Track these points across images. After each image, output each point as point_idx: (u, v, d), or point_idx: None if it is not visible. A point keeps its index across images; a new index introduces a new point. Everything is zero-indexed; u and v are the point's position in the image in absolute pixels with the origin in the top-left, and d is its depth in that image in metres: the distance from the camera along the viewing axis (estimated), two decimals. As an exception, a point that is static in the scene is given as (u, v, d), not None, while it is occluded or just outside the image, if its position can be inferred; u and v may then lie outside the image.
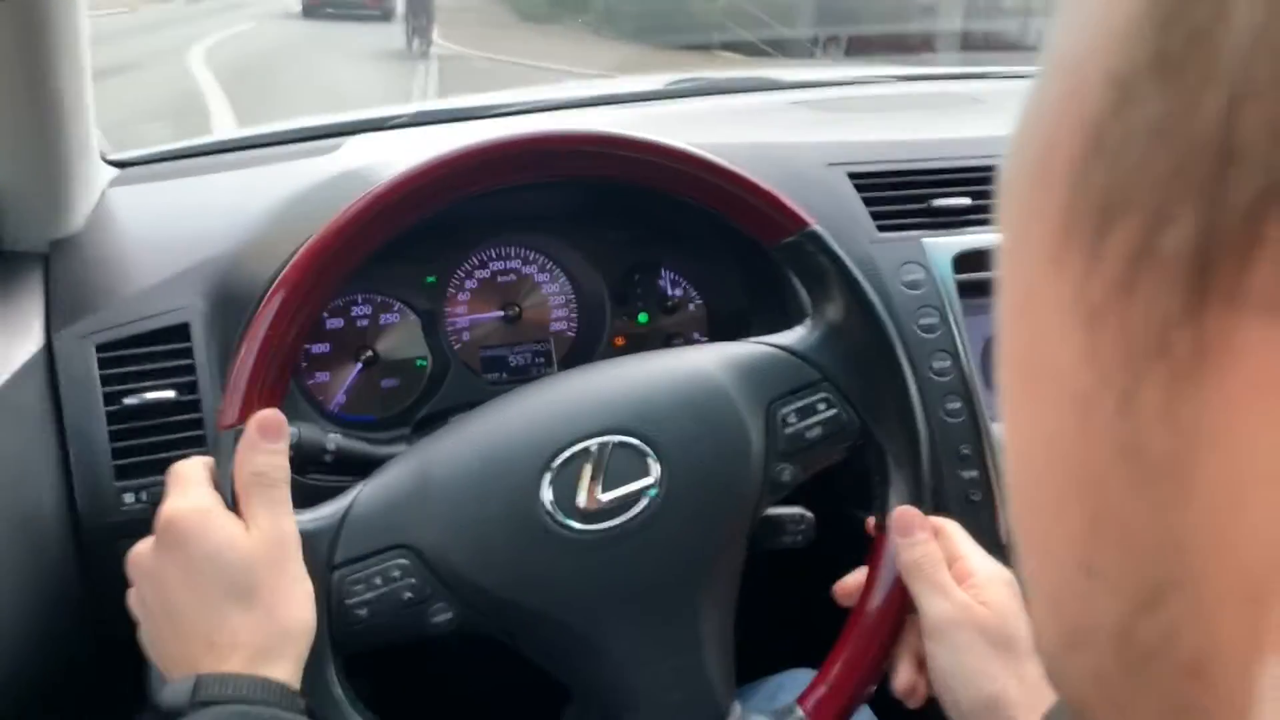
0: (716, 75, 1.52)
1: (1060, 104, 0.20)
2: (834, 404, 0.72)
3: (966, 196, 1.02)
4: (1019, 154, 0.21)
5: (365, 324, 0.98)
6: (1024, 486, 0.22)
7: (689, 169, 0.72)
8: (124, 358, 0.85)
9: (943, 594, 0.68)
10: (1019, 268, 0.21)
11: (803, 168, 1.01)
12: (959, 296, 0.96)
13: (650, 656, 0.66)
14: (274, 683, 0.58)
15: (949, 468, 0.92)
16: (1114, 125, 0.18)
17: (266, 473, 0.62)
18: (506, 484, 0.66)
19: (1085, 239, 0.19)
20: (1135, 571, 0.19)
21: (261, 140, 1.18)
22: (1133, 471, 0.18)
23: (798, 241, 0.73)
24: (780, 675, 0.90)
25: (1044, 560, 0.22)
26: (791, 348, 0.73)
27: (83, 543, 0.82)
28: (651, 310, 1.04)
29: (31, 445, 0.80)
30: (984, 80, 1.54)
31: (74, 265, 0.90)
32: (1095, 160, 0.18)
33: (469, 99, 1.40)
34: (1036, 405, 0.21)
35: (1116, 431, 0.18)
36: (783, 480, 0.71)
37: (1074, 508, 0.20)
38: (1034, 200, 0.20)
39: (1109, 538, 0.19)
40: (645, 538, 0.67)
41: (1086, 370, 0.19)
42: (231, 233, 0.92)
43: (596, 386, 0.71)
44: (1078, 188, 0.19)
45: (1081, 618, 0.21)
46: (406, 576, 0.64)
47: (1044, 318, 0.20)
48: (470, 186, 0.70)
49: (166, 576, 0.61)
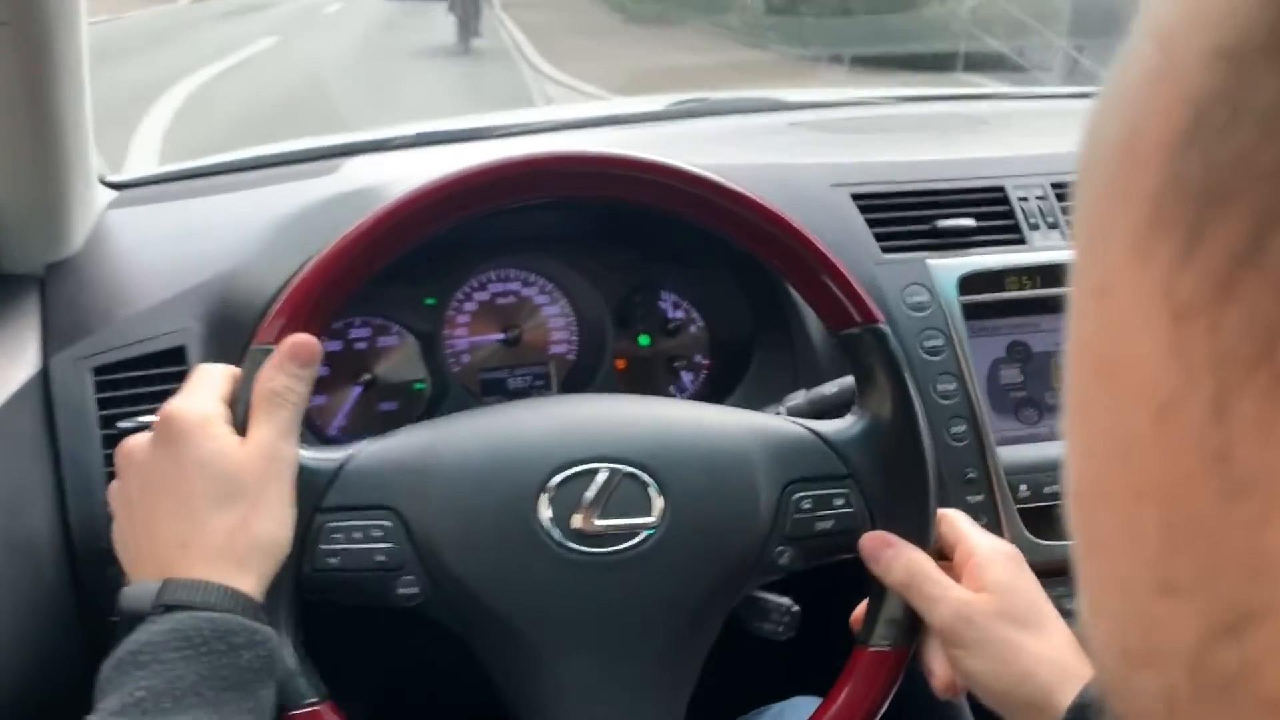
0: (719, 96, 1.51)
1: (1155, 78, 0.18)
2: (851, 503, 0.71)
3: (972, 218, 1.01)
4: (1101, 131, 0.20)
5: (364, 346, 0.97)
6: (1090, 490, 0.21)
7: (772, 230, 0.71)
8: (120, 381, 0.84)
9: (939, 601, 0.66)
10: (1097, 253, 0.20)
11: (806, 189, 1.00)
12: (964, 319, 0.95)
13: (594, 691, 0.65)
14: (240, 593, 0.57)
15: (954, 492, 0.91)
16: (1219, 107, 0.16)
17: (281, 393, 0.62)
18: (508, 480, 0.66)
19: (1179, 229, 0.17)
20: (1217, 592, 0.17)
21: (260, 162, 1.17)
22: (1220, 482, 0.17)
23: (861, 335, 0.72)
24: (781, 704, 0.89)
25: (1109, 573, 0.20)
26: (826, 436, 0.72)
27: (77, 567, 0.81)
28: (653, 332, 1.04)
29: (26, 469, 0.80)
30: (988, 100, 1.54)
31: (70, 288, 0.89)
32: (1195, 144, 0.17)
33: (471, 119, 1.40)
34: (1109, 402, 0.19)
35: (1204, 437, 0.17)
36: (779, 563, 0.69)
37: (1149, 517, 0.18)
38: (1119, 182, 0.19)
39: (1189, 553, 0.18)
40: (629, 575, 0.66)
41: (1171, 368, 0.17)
42: (229, 255, 0.91)
43: (622, 413, 0.70)
44: (1173, 173, 0.17)
45: (1153, 637, 0.19)
46: (385, 540, 0.64)
47: (1124, 308, 0.19)
48: (537, 194, 0.71)
49: (154, 472, 0.61)
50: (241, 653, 0.56)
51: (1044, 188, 1.03)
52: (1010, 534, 0.91)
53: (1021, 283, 0.97)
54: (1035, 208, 1.02)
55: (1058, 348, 0.98)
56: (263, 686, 0.57)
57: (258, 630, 0.57)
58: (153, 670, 0.54)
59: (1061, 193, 1.03)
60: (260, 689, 0.56)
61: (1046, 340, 0.98)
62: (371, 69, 9.57)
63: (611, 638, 0.66)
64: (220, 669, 0.55)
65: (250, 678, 0.56)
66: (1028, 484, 0.92)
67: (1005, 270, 0.97)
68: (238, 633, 0.56)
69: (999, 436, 0.94)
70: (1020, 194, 1.02)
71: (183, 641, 0.54)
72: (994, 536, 0.71)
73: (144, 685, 0.53)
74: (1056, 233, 1.01)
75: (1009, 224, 1.01)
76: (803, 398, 0.82)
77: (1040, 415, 0.96)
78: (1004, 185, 1.03)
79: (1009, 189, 1.03)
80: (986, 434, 0.92)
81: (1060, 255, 0.99)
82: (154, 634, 0.55)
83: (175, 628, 0.55)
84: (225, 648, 0.55)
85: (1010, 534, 0.91)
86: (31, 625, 0.78)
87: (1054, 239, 1.01)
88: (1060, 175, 1.04)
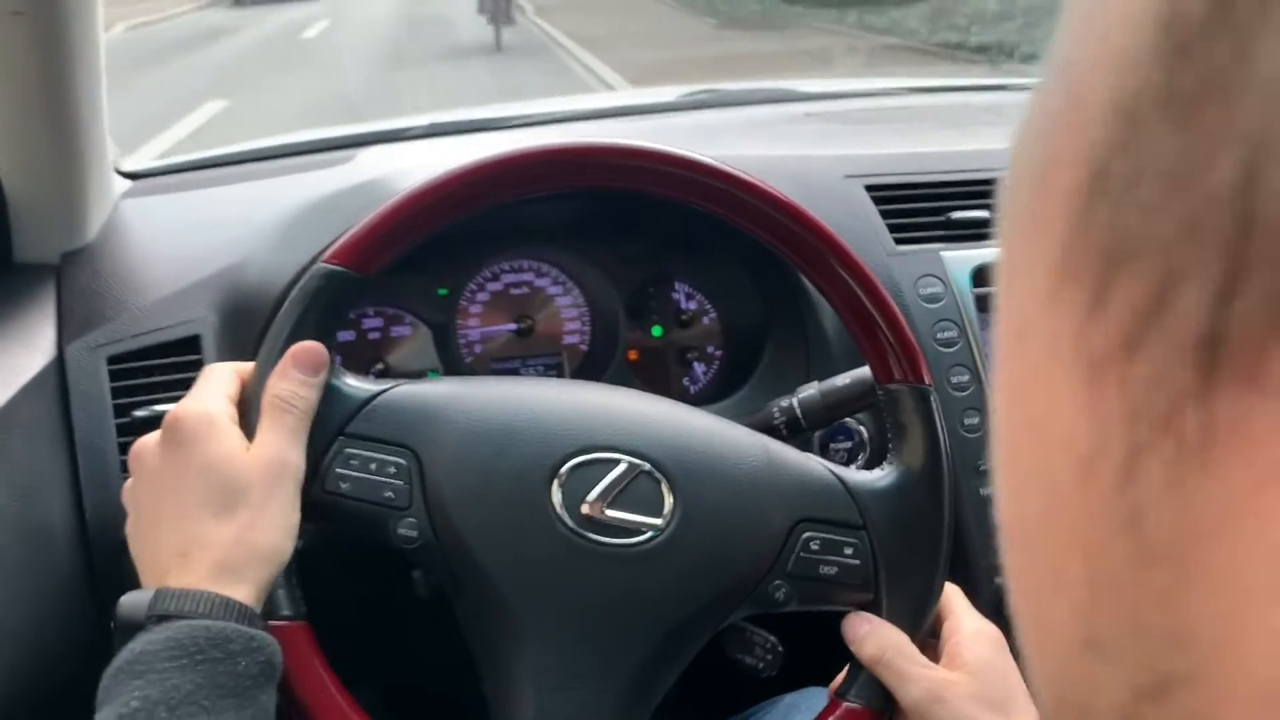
0: (732, 86, 1.51)
1: (1062, 123, 0.17)
2: (860, 555, 0.70)
3: (985, 209, 1.01)
4: (1019, 166, 0.19)
5: (377, 336, 0.98)
6: (1021, 538, 0.20)
7: (843, 272, 0.71)
8: (135, 370, 0.85)
9: (911, 679, 0.65)
10: (1016, 293, 0.19)
11: (819, 180, 1.00)
12: (978, 310, 0.95)
13: (566, 679, 0.65)
14: (234, 602, 0.57)
15: (967, 484, 0.91)
16: (1119, 161, 0.16)
17: (288, 399, 0.63)
18: (529, 449, 0.66)
19: (1087, 281, 0.16)
20: (1140, 656, 0.17)
21: (275, 152, 1.18)
22: (1134, 547, 0.16)
23: (906, 392, 0.71)
24: (794, 694, 0.89)
25: (1042, 625, 0.19)
26: (848, 483, 0.71)
27: (92, 555, 0.82)
28: (666, 323, 1.04)
29: (42, 457, 0.80)
30: (1002, 92, 1.53)
31: (86, 276, 0.90)
32: (1100, 198, 0.16)
33: (484, 110, 1.40)
34: (1035, 448, 0.18)
35: (1116, 500, 0.16)
36: (774, 597, 0.69)
37: (1075, 572, 0.18)
38: (1033, 224, 0.18)
39: (1112, 614, 0.17)
40: (625, 571, 0.66)
41: (1087, 425, 0.17)
42: (243, 245, 0.91)
43: (651, 412, 0.70)
44: (1079, 224, 0.16)
45: (1083, 694, 0.18)
46: (398, 478, 0.65)
47: (1041, 350, 0.18)
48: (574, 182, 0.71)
49: (160, 476, 0.61)
50: (239, 660, 0.55)
51: (1059, 179, 1.02)
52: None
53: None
54: (1050, 199, 1.02)
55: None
56: (262, 692, 0.57)
57: (255, 636, 0.57)
58: (148, 680, 0.54)
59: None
60: (260, 695, 0.56)
61: (1060, 332, 0.97)
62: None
63: (593, 628, 0.66)
64: (217, 677, 0.54)
65: (249, 684, 0.56)
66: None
67: (1019, 262, 0.97)
68: (234, 640, 0.55)
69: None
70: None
71: (178, 650, 0.54)
72: (980, 617, 0.70)
73: (139, 695, 0.53)
74: (1071, 224, 1.01)
75: (1023, 215, 1.01)
76: (815, 389, 0.81)
77: (1054, 408, 0.96)
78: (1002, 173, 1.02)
79: None
80: (999, 426, 0.92)
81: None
82: (150, 643, 0.55)
83: (171, 636, 0.55)
84: (222, 655, 0.55)
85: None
86: (46, 613, 0.78)
87: (1068, 231, 1.00)
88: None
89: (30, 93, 0.81)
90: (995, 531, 0.22)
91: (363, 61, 9.59)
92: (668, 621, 0.67)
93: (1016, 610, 0.20)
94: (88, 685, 0.56)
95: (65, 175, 0.88)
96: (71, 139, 0.86)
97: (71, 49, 0.81)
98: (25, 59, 0.79)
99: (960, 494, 0.90)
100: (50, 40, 0.79)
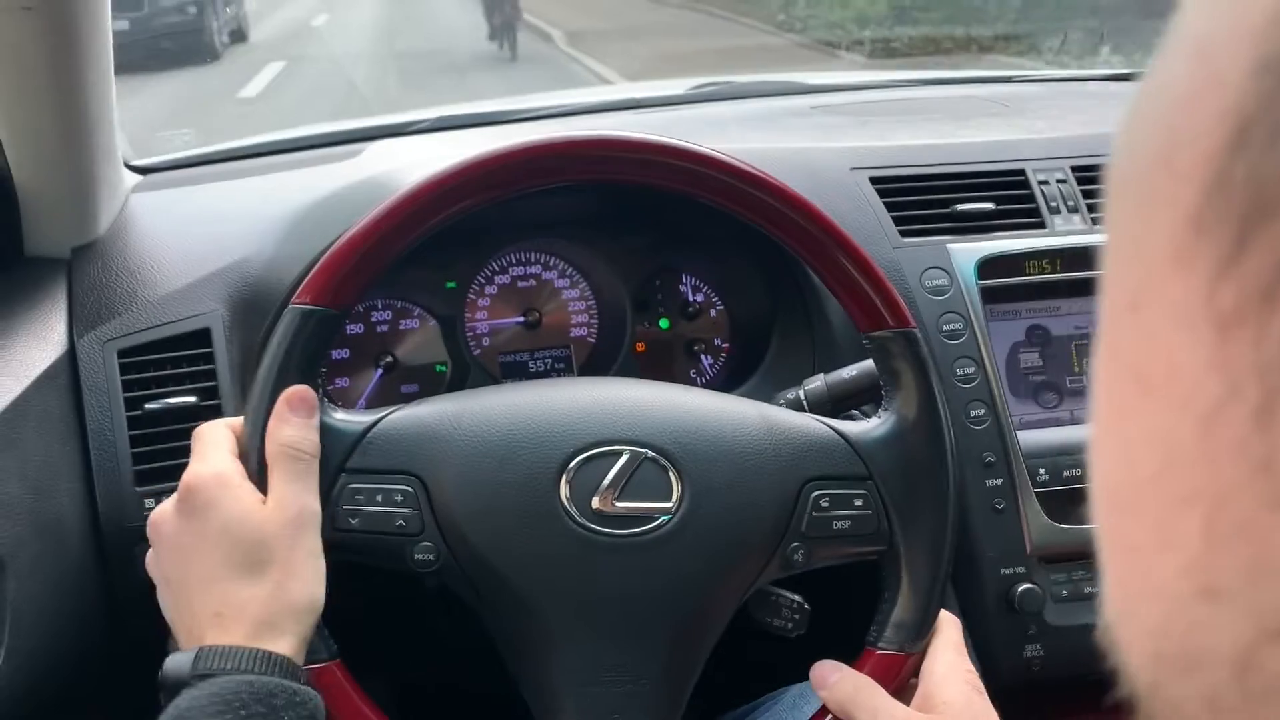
0: (740, 79, 1.51)
1: (1195, 89, 0.18)
2: (870, 505, 0.70)
3: (991, 201, 1.01)
4: (1137, 141, 0.20)
5: (385, 329, 0.98)
6: (1123, 496, 0.20)
7: (811, 228, 0.71)
8: (146, 363, 0.86)
9: (885, 715, 0.65)
10: (1131, 262, 0.19)
11: (825, 172, 1.00)
12: (983, 302, 0.95)
13: (602, 674, 0.66)
14: (276, 655, 0.58)
15: (973, 476, 0.91)
16: (1263, 118, 0.16)
17: (295, 444, 0.63)
18: (531, 456, 0.66)
19: (1222, 240, 0.17)
20: (1264, 597, 0.17)
21: (284, 146, 1.18)
22: (1266, 490, 0.17)
23: (893, 338, 0.71)
24: (802, 684, 0.89)
25: (1142, 578, 0.20)
26: (849, 436, 0.71)
27: (104, 547, 0.82)
28: (673, 316, 1.04)
29: (54, 450, 0.81)
30: (1008, 84, 1.53)
31: (97, 270, 0.90)
32: (1240, 157, 0.17)
33: (491, 104, 1.40)
34: (1147, 410, 0.19)
35: (1248, 445, 0.17)
36: (793, 559, 0.69)
37: (1190, 523, 0.18)
38: (1157, 193, 0.19)
39: (1234, 558, 0.18)
40: (644, 559, 0.66)
41: (1213, 377, 0.17)
42: (253, 238, 0.92)
43: (646, 398, 0.71)
44: (1216, 184, 0.17)
45: (1193, 641, 0.19)
46: (405, 505, 0.65)
47: (1160, 317, 0.19)
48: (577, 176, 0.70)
49: (182, 544, 0.61)
50: (282, 714, 0.56)
51: (1064, 171, 1.03)
52: (1028, 517, 0.91)
53: (1041, 266, 0.97)
54: (1056, 191, 1.02)
55: (1077, 331, 0.98)
56: None
57: (298, 691, 0.57)
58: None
59: (1082, 176, 1.03)
60: None
61: (1066, 324, 0.97)
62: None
63: (621, 620, 0.66)
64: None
65: None
66: (1046, 468, 0.92)
67: (1025, 254, 0.97)
68: (277, 694, 0.56)
69: (1018, 420, 0.94)
70: (1041, 177, 1.02)
71: (223, 705, 0.55)
72: (958, 657, 0.70)
73: None
74: (1077, 216, 1.01)
75: (1029, 207, 1.01)
76: (821, 381, 0.82)
77: (1059, 399, 0.96)
78: (1024, 168, 1.03)
79: (1029, 172, 1.02)
80: (1006, 418, 0.92)
81: (1080, 239, 0.98)
82: (194, 699, 0.55)
83: (215, 692, 0.55)
84: (265, 710, 0.55)
85: (1028, 517, 0.91)
86: (58, 602, 0.79)
87: (1074, 223, 1.00)
88: (1081, 158, 1.04)
89: (40, 88, 0.82)
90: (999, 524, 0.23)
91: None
92: (692, 601, 0.67)
93: (1110, 575, 0.21)
94: (100, 674, 0.56)
95: (75, 170, 0.89)
96: (81, 133, 0.87)
97: (81, 43, 0.82)
98: (35, 54, 0.79)
99: (964, 486, 0.90)
100: (59, 35, 0.79)
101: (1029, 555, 0.91)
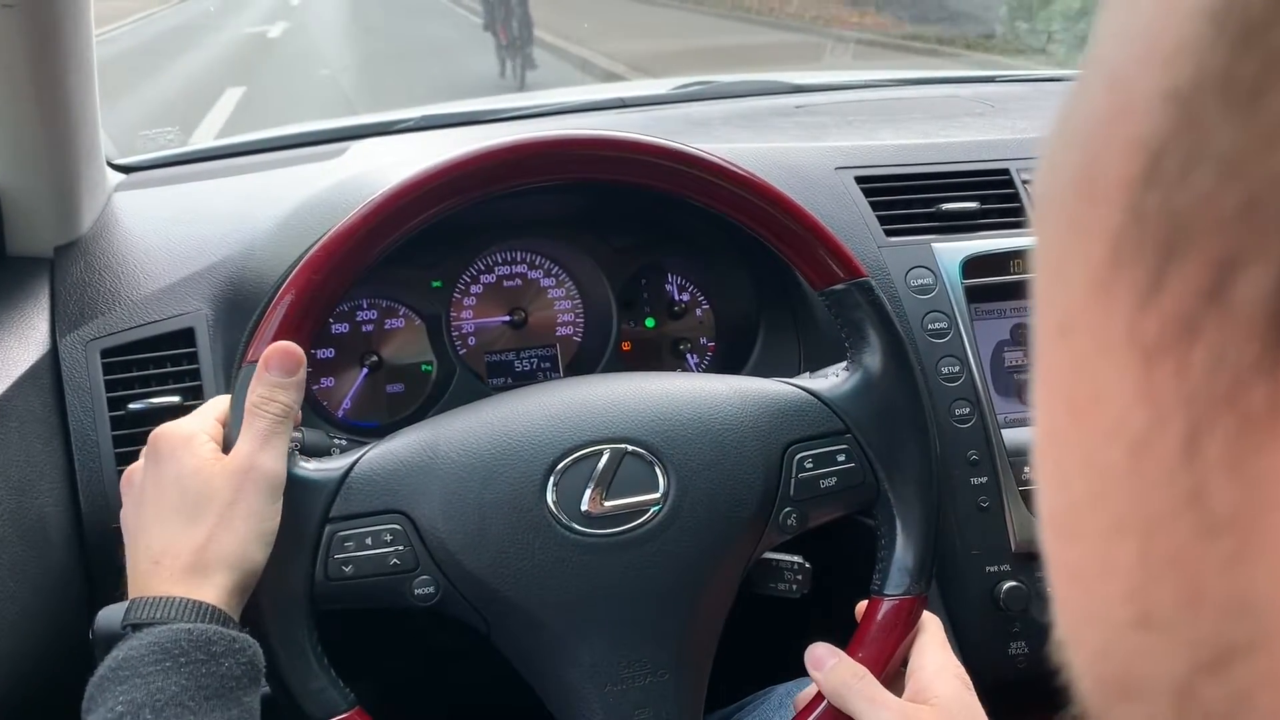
0: (725, 79, 1.51)
1: (1109, 118, 0.18)
2: (853, 457, 0.71)
3: (975, 201, 1.01)
4: (1058, 165, 0.19)
5: (370, 329, 0.98)
6: (1065, 522, 0.20)
7: (754, 198, 0.72)
8: (129, 363, 0.85)
9: (880, 704, 0.66)
10: (1059, 288, 0.19)
11: (810, 171, 1.00)
12: (968, 301, 0.96)
13: (622, 671, 0.66)
14: (207, 605, 0.58)
15: (959, 474, 0.91)
16: (1174, 150, 0.16)
17: (259, 404, 0.63)
18: (513, 472, 0.66)
19: (1141, 272, 0.17)
20: (1198, 628, 0.17)
21: (267, 145, 1.18)
22: (1196, 520, 0.16)
23: (847, 290, 0.73)
24: (788, 684, 0.89)
25: (1086, 604, 0.20)
26: (821, 394, 0.72)
27: (86, 547, 0.82)
28: (659, 315, 1.04)
29: (36, 450, 0.80)
30: (992, 84, 1.54)
31: (80, 270, 0.90)
32: (1153, 187, 0.16)
33: (474, 103, 1.40)
34: (1081, 437, 0.19)
35: (1176, 475, 0.17)
36: (787, 524, 0.70)
37: (1127, 551, 0.18)
38: (1078, 220, 0.18)
39: (1168, 588, 0.17)
40: (642, 552, 0.66)
41: (1140, 407, 0.17)
42: (237, 237, 0.91)
43: (618, 393, 0.71)
44: (1132, 214, 0.17)
45: (1135, 669, 0.19)
46: (396, 543, 0.65)
47: (1088, 343, 0.18)
48: (539, 177, 0.71)
49: (141, 492, 0.63)
50: (222, 661, 0.56)
51: (1049, 170, 1.03)
52: (1013, 515, 0.91)
53: (1026, 265, 0.97)
54: (1040, 190, 1.02)
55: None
56: (246, 693, 0.57)
57: (236, 638, 0.57)
58: (133, 684, 0.54)
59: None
60: (244, 696, 0.57)
61: (1050, 323, 0.98)
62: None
63: (630, 617, 0.66)
64: (201, 678, 0.55)
65: (233, 685, 0.56)
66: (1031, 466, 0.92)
67: (1009, 253, 0.97)
68: (217, 641, 0.56)
69: (1003, 418, 0.94)
70: (1025, 176, 1.03)
71: (161, 654, 0.55)
72: (947, 654, 0.71)
73: (124, 699, 0.54)
74: (1061, 215, 1.01)
75: (1014, 207, 1.01)
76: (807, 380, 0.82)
77: (1044, 397, 0.96)
78: (1009, 168, 1.03)
79: (1014, 171, 1.03)
80: (990, 416, 0.93)
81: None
82: (133, 649, 0.55)
83: (154, 641, 0.55)
84: (205, 657, 0.55)
85: (1013, 515, 0.91)
86: (41, 603, 0.78)
87: (1058, 222, 1.01)
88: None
89: (22, 86, 0.81)
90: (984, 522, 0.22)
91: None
92: (695, 584, 0.68)
93: (1057, 597, 0.21)
94: (82, 675, 0.56)
95: (58, 168, 0.88)
96: (64, 132, 0.86)
97: (63, 42, 0.81)
98: (16, 52, 0.79)
99: (950, 484, 0.91)
100: (41, 33, 0.79)
101: (1014, 553, 0.91)
